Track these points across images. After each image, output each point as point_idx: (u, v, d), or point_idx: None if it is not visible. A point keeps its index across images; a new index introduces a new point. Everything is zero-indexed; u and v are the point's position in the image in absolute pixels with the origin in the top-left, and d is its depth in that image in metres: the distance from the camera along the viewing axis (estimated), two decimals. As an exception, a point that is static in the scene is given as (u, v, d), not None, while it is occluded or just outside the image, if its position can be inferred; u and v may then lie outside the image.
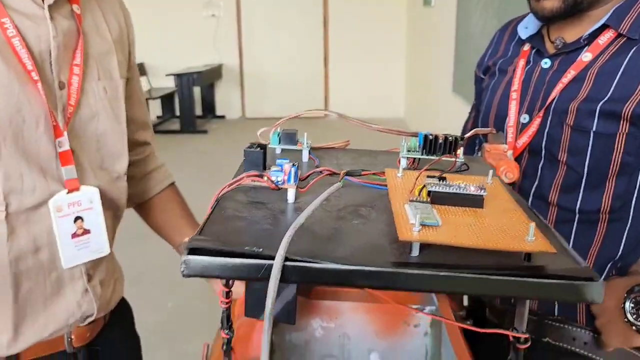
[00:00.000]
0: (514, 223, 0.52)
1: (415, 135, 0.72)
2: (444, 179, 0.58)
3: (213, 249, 0.46)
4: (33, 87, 0.73)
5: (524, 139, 0.90)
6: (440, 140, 0.69)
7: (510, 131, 0.92)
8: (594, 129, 0.83)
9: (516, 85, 0.93)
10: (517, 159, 0.92)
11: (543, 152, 0.89)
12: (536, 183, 0.91)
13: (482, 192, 0.55)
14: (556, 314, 0.92)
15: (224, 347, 0.60)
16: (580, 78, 0.85)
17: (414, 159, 0.71)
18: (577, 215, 0.88)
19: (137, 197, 1.03)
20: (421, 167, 0.66)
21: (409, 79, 6.77)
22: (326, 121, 6.42)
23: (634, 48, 0.82)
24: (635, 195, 0.85)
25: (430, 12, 5.28)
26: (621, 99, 0.80)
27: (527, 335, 0.54)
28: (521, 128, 0.92)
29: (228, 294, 0.57)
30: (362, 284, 0.47)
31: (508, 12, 3.31)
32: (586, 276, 0.46)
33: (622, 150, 0.82)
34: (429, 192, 0.55)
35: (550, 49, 0.93)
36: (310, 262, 0.46)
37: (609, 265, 0.89)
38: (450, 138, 0.69)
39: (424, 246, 0.48)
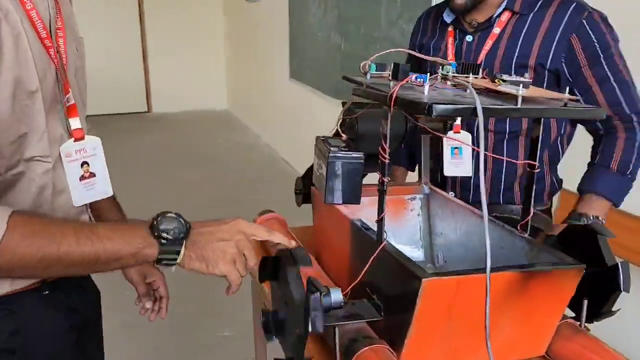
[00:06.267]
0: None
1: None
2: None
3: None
4: (47, 52, 0.79)
5: None
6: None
7: None
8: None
9: (451, 55, 1.25)
10: None
11: None
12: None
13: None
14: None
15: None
16: (495, 45, 1.24)
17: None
18: (506, 135, 1.26)
19: None
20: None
21: (232, 71, 6.83)
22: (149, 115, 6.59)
23: (528, 20, 1.22)
24: None
25: (254, 6, 5.39)
26: (526, 55, 1.21)
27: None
28: None
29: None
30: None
31: (349, 3, 3.40)
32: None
33: None
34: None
35: (469, 28, 1.26)
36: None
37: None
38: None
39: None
